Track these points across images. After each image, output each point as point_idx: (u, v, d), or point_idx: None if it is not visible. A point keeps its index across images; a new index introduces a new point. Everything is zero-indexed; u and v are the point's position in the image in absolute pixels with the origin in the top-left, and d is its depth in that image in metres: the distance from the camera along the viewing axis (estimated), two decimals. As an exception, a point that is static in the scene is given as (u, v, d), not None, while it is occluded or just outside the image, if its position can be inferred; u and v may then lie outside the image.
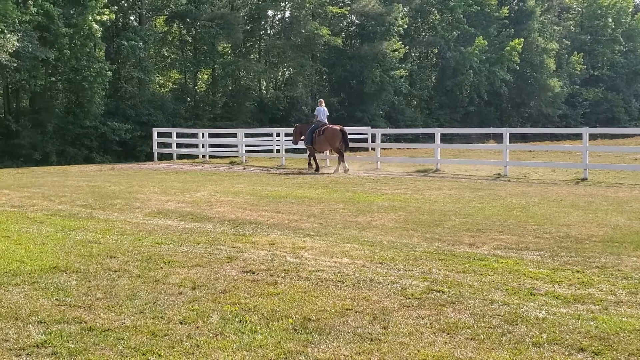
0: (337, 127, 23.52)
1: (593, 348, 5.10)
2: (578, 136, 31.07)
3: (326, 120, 24.08)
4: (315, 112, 24.54)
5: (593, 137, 35.73)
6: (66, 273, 7.52)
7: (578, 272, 7.45)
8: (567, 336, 5.35)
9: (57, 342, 5.23)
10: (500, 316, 5.86)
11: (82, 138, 36.01)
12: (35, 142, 33.75)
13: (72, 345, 5.16)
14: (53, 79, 37.14)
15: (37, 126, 34.27)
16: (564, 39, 66.85)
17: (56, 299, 6.43)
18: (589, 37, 69.30)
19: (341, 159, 23.32)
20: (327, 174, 22.63)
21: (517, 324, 5.65)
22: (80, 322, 5.71)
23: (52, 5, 33.15)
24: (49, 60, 33.25)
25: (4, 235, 10.12)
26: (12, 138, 33.60)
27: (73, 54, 34.37)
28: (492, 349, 5.10)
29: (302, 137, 24.57)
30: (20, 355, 5.02)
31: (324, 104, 24.66)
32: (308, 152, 24.50)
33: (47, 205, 13.88)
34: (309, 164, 24.05)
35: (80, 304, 6.27)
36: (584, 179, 19.44)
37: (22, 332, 5.48)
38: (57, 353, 5.03)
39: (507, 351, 5.05)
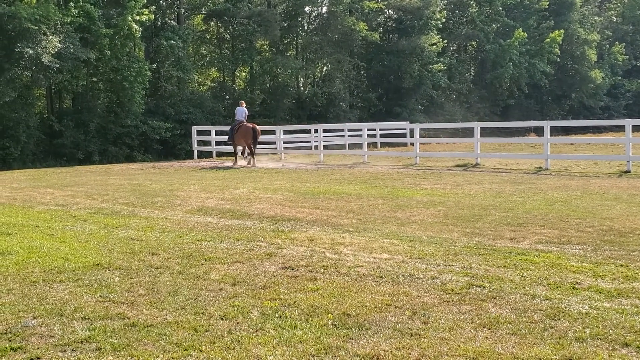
0: (250, 125, 25.99)
1: (638, 343, 5.02)
2: (621, 128, 30.56)
3: (244, 119, 26.54)
4: (235, 112, 27.32)
5: (636, 128, 34.98)
6: (109, 270, 7.64)
7: (622, 266, 7.34)
8: (610, 331, 5.27)
9: (101, 338, 5.31)
10: (542, 311, 5.79)
11: (123, 137, 36.50)
12: (78, 141, 34.31)
13: (116, 341, 5.24)
14: (94, 79, 37.71)
15: (80, 126, 34.81)
16: (605, 30, 65.68)
17: (100, 296, 6.54)
18: (630, 27, 67.98)
19: (249, 155, 26.14)
20: (244, 166, 25.48)
21: (559, 319, 5.58)
22: (123, 318, 5.79)
23: (92, 6, 33.63)
24: (90, 60, 33.75)
25: (49, 233, 10.31)
26: (55, 138, 34.22)
27: (113, 54, 34.84)
28: (534, 344, 5.04)
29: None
30: (65, 350, 5.10)
31: (244, 105, 27.46)
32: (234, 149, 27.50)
33: (90, 203, 14.10)
34: (237, 159, 26.98)
35: (123, 300, 6.36)
36: (627, 172, 19.11)
37: (67, 328, 5.58)
38: (101, 349, 5.10)
39: (549, 346, 4.99)
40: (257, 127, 26.28)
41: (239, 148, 27.22)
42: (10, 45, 30.36)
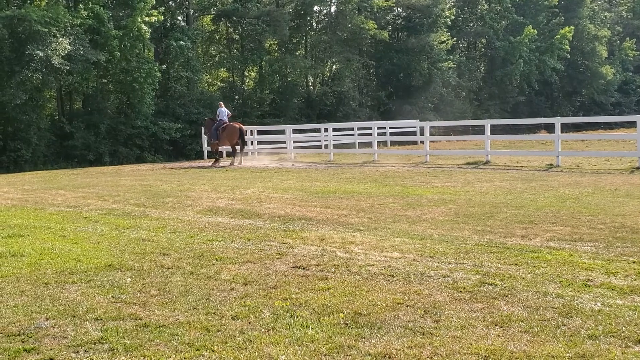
0: (237, 125, 27.14)
1: (651, 340, 4.99)
2: (632, 124, 30.39)
3: (227, 119, 27.73)
4: (218, 113, 28.25)
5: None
6: (121, 271, 7.66)
7: (634, 262, 7.30)
8: (623, 328, 5.25)
9: (114, 339, 5.32)
10: (554, 308, 5.77)
11: (133, 138, 36.58)
12: (88, 143, 34.41)
13: (128, 342, 5.26)
14: (104, 80, 37.86)
15: (90, 127, 34.91)
16: (615, 25, 65.36)
17: (112, 296, 6.56)
18: (641, 23, 67.72)
19: (238, 153, 27.07)
20: (224, 166, 26.21)
21: (571, 316, 5.56)
22: (136, 319, 5.81)
23: (102, 8, 33.75)
24: (100, 62, 33.84)
25: (61, 234, 10.35)
26: (66, 139, 34.33)
27: (123, 56, 34.93)
28: (547, 341, 5.03)
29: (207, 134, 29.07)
30: (78, 351, 5.12)
31: (223, 106, 28.59)
32: (213, 148, 28.73)
33: (101, 204, 14.15)
34: (215, 159, 27.93)
35: (135, 301, 6.38)
36: (639, 168, 19.01)
37: (80, 328, 5.60)
38: (114, 349, 5.12)
39: (562, 344, 4.97)
40: (243, 127, 27.40)
41: (225, 148, 28.22)
42: (21, 47, 30.50)
